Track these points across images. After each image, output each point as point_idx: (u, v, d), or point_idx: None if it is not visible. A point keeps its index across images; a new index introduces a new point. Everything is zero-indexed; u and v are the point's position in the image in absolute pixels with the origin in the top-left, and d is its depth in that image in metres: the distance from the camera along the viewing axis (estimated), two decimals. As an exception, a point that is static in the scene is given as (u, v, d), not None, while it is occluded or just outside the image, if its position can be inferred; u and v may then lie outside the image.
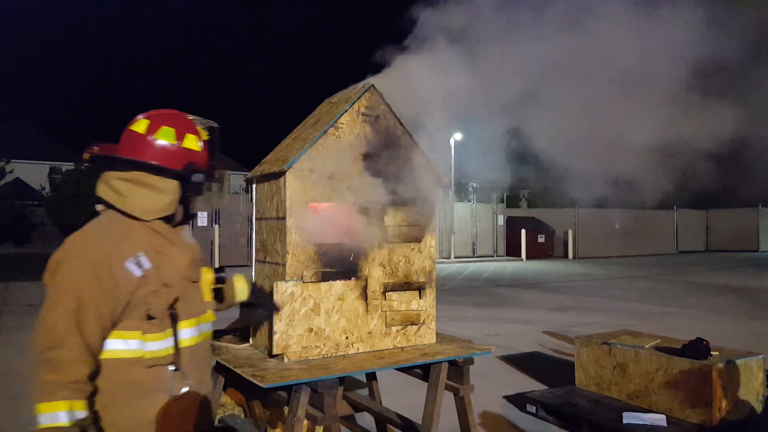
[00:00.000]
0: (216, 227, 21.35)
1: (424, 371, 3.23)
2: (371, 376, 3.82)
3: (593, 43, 2.97)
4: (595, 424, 4.58)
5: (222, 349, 3.14)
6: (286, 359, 2.89)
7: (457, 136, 18.24)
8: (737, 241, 32.38)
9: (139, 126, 1.90)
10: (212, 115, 2.10)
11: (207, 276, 2.14)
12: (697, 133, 3.13)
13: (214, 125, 2.05)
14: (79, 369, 1.69)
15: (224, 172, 2.33)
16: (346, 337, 3.08)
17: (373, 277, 3.16)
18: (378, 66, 3.25)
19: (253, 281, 2.37)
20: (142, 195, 1.85)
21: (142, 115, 1.93)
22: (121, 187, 1.85)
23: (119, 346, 1.79)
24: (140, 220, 1.86)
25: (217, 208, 19.91)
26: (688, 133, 3.13)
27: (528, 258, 26.97)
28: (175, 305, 1.88)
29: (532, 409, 5.22)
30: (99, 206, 1.91)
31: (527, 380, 6.38)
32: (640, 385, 4.80)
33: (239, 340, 3.31)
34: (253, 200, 3.38)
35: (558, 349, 7.93)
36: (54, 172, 31.40)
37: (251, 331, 3.25)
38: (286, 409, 2.94)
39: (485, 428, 4.98)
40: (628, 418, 4.49)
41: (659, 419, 4.42)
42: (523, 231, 27.17)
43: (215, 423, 3.17)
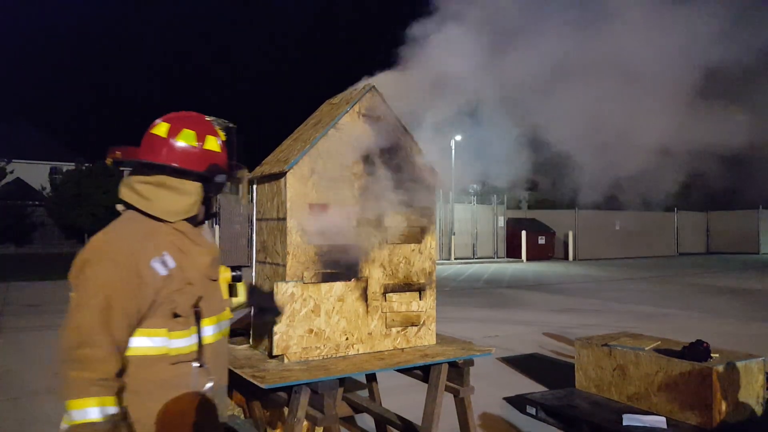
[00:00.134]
0: (216, 228, 21.36)
1: (424, 372, 3.23)
2: (371, 377, 3.82)
3: (605, 41, 2.97)
4: (595, 426, 4.58)
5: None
6: (286, 360, 2.89)
7: (458, 137, 18.23)
8: (738, 243, 32.37)
9: (159, 129, 1.92)
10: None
11: (224, 275, 2.18)
12: (709, 135, 3.12)
13: (231, 125, 2.09)
14: (108, 366, 1.72)
15: (244, 172, 2.39)
16: (346, 338, 3.08)
17: (374, 278, 3.16)
18: (378, 67, 3.26)
19: (252, 283, 2.38)
20: (166, 197, 1.89)
21: (161, 119, 1.96)
22: (145, 191, 1.88)
23: (145, 343, 1.82)
24: (164, 221, 1.89)
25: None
26: (700, 136, 3.12)
27: (528, 259, 26.96)
28: (199, 303, 1.92)
29: (532, 410, 5.22)
30: (119, 206, 1.95)
31: (527, 382, 6.38)
32: (640, 387, 4.80)
33: (246, 339, 3.31)
34: (254, 201, 3.38)
35: (558, 350, 7.92)
36: (54, 173, 31.44)
37: (251, 332, 3.25)
38: (286, 409, 2.94)
39: (485, 430, 4.98)
40: (628, 420, 4.48)
41: (659, 421, 4.42)
42: (524, 232, 27.18)
43: None
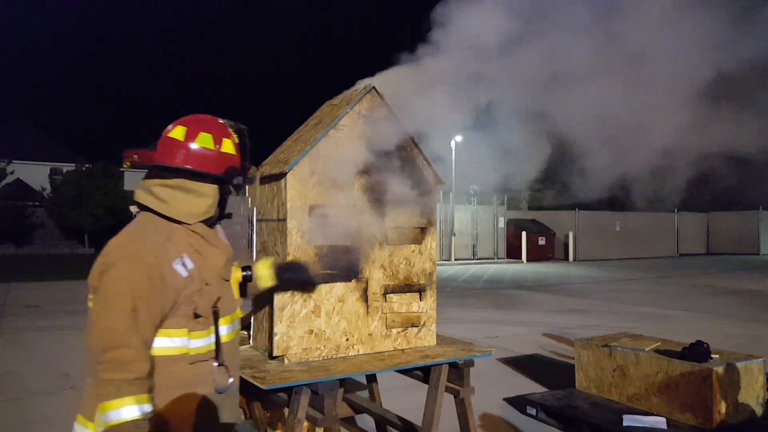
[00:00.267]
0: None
1: (424, 373, 3.24)
2: (371, 378, 3.82)
3: (619, 38, 2.96)
4: (595, 427, 4.58)
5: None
6: (286, 361, 2.89)
7: (458, 138, 18.23)
8: (738, 244, 32.36)
9: (176, 133, 1.95)
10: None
11: (236, 274, 2.21)
12: (721, 137, 3.12)
13: (243, 127, 2.11)
14: (141, 366, 1.75)
15: (255, 173, 2.41)
16: (347, 339, 3.08)
17: (374, 278, 3.16)
18: (378, 67, 3.27)
19: (279, 264, 2.39)
20: (184, 200, 1.92)
21: (177, 122, 1.99)
22: (163, 193, 1.91)
23: (165, 343, 1.85)
24: (181, 223, 1.93)
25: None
26: (711, 137, 3.12)
27: (528, 260, 26.95)
28: (217, 303, 1.96)
29: (533, 411, 5.22)
30: (133, 208, 1.98)
31: (527, 382, 6.38)
32: (640, 387, 4.80)
33: (245, 339, 3.31)
34: (250, 203, 3.38)
35: (558, 351, 7.92)
36: (55, 173, 31.42)
37: (251, 333, 3.25)
38: (286, 410, 2.94)
39: (485, 430, 4.98)
40: (628, 420, 4.49)
41: (659, 422, 4.42)
42: (524, 233, 27.17)
43: None
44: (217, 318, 1.95)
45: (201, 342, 1.91)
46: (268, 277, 2.37)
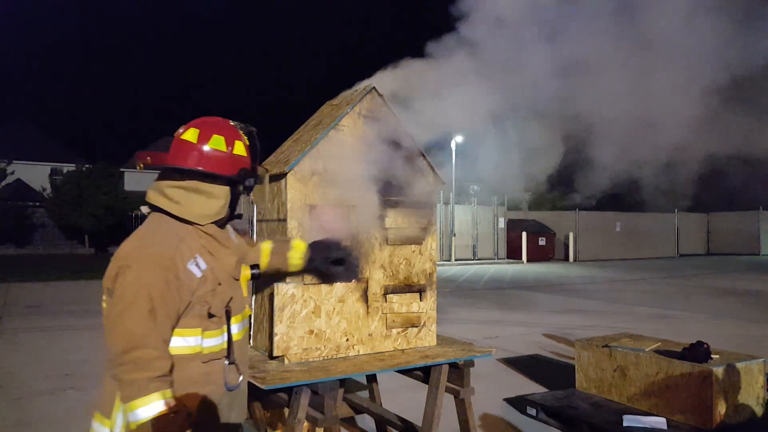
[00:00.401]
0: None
1: (424, 373, 3.24)
2: (372, 378, 3.82)
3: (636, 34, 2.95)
4: (596, 427, 4.58)
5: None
6: (286, 361, 2.89)
7: (458, 139, 18.23)
8: (738, 244, 32.36)
9: (189, 135, 1.97)
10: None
11: (245, 273, 2.23)
12: (734, 138, 3.12)
13: (253, 129, 2.13)
14: (163, 363, 1.78)
15: (265, 174, 2.43)
16: (347, 339, 3.08)
17: (374, 279, 3.16)
18: (379, 67, 3.27)
19: (311, 248, 2.43)
20: (197, 201, 1.94)
21: (189, 124, 2.01)
22: (176, 195, 1.93)
23: (179, 343, 1.88)
24: (193, 224, 1.95)
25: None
26: (724, 138, 3.12)
27: (529, 261, 26.95)
28: (230, 303, 2.00)
29: (533, 411, 5.22)
30: (145, 209, 2.01)
31: (527, 383, 6.38)
32: (640, 388, 4.80)
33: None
34: (252, 202, 3.38)
35: (558, 351, 7.92)
36: (55, 174, 31.43)
37: (251, 333, 3.25)
38: (286, 410, 2.94)
39: (485, 431, 4.98)
40: (629, 421, 4.48)
41: (659, 422, 4.42)
42: (524, 234, 27.17)
43: None
44: (229, 317, 1.98)
45: (214, 341, 1.94)
46: (299, 265, 2.42)
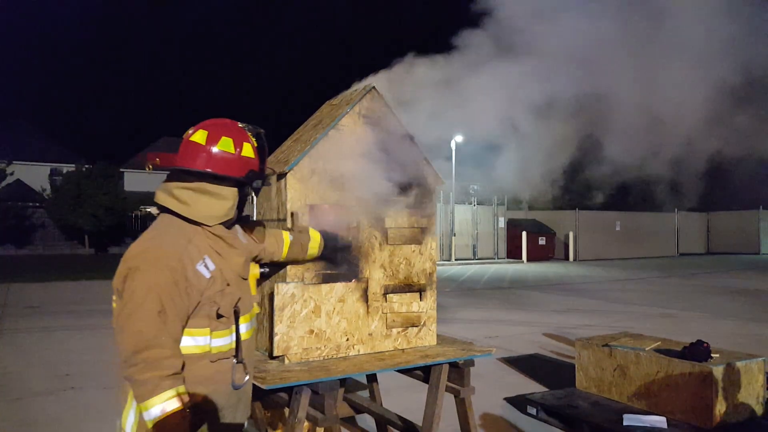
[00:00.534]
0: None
1: (424, 373, 3.24)
2: (372, 378, 3.82)
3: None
4: (596, 426, 4.58)
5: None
6: (286, 361, 2.89)
7: (458, 138, 18.24)
8: (738, 244, 32.36)
9: (198, 137, 1.99)
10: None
11: (254, 272, 2.25)
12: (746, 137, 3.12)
13: (261, 131, 2.15)
14: (174, 362, 1.80)
15: (273, 175, 2.45)
16: (347, 339, 3.08)
17: (374, 279, 3.17)
18: (379, 67, 3.27)
19: (323, 237, 2.57)
20: (205, 203, 1.96)
21: (198, 126, 2.02)
22: (184, 196, 1.95)
23: (188, 342, 1.90)
24: (202, 225, 1.96)
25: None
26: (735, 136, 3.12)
27: (529, 260, 26.95)
28: (238, 303, 2.01)
29: (533, 411, 5.22)
30: (153, 210, 2.04)
31: (528, 382, 6.38)
32: (640, 387, 4.80)
33: None
34: (254, 202, 3.39)
35: (558, 351, 7.93)
36: (55, 174, 31.47)
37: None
38: (286, 410, 2.94)
39: (486, 430, 4.98)
40: (629, 420, 4.49)
41: (659, 421, 4.42)
42: (524, 233, 27.17)
43: None
44: (237, 317, 2.00)
45: (223, 341, 1.96)
46: (316, 254, 2.56)
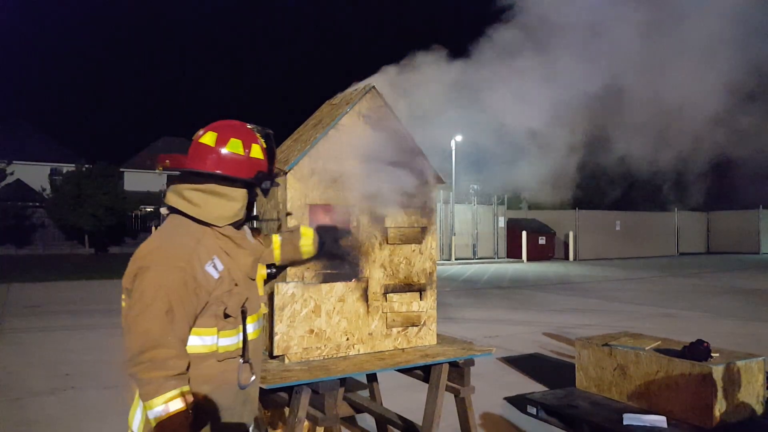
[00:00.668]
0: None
1: (424, 372, 3.24)
2: (372, 378, 3.82)
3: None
4: (596, 426, 4.58)
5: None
6: (286, 360, 2.90)
7: (458, 138, 18.24)
8: (738, 243, 32.34)
9: (207, 139, 2.00)
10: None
11: (261, 272, 2.26)
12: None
13: (270, 132, 2.16)
14: (179, 363, 1.82)
15: (281, 176, 2.46)
16: (347, 339, 3.08)
17: (374, 278, 3.17)
18: (378, 66, 3.27)
19: (318, 233, 2.57)
20: (216, 204, 1.98)
21: (208, 128, 2.04)
22: (194, 197, 1.97)
23: (195, 342, 1.92)
24: (211, 226, 1.98)
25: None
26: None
27: (529, 260, 26.95)
28: (245, 303, 2.03)
29: (533, 410, 5.22)
30: (163, 210, 2.04)
31: (528, 382, 6.38)
32: (640, 386, 4.80)
33: None
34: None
35: (558, 350, 7.93)
36: (55, 174, 31.45)
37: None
38: (286, 410, 2.95)
39: (486, 429, 4.98)
40: (629, 419, 4.49)
41: (660, 421, 4.42)
42: (524, 233, 27.17)
43: None
44: (245, 317, 2.01)
45: (230, 340, 1.98)
46: (312, 252, 2.52)
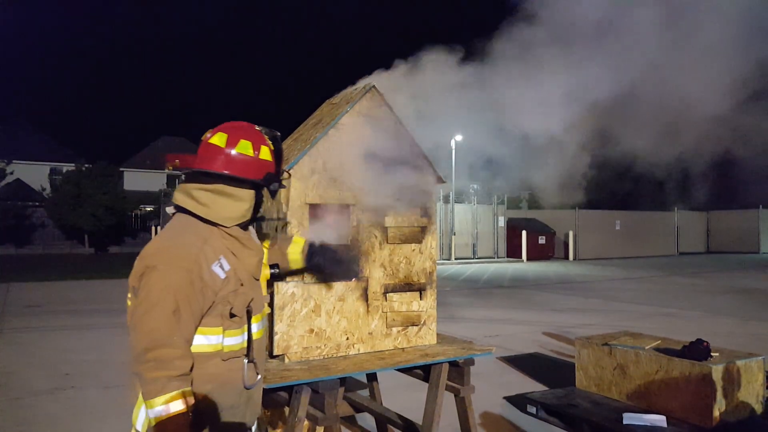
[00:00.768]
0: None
1: (424, 372, 3.24)
2: (372, 377, 3.83)
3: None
4: (596, 425, 4.58)
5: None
6: (287, 360, 2.90)
7: (458, 137, 18.23)
8: (738, 243, 32.34)
9: (217, 140, 2.02)
10: (213, 117, 2.15)
11: (265, 272, 2.27)
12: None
13: (277, 134, 2.18)
14: (184, 363, 1.82)
15: (288, 178, 2.47)
16: (347, 338, 3.08)
17: (374, 278, 3.17)
18: (379, 66, 3.27)
19: (313, 243, 2.55)
20: (224, 204, 1.99)
21: (217, 129, 2.06)
22: (203, 197, 1.98)
23: (200, 341, 1.93)
24: (218, 226, 1.99)
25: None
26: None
27: (528, 259, 26.95)
28: (251, 303, 2.04)
29: (533, 410, 5.23)
30: (170, 209, 2.06)
31: (528, 381, 6.39)
32: (640, 386, 4.80)
33: None
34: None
35: (558, 350, 7.93)
36: (54, 173, 31.48)
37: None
38: (287, 409, 2.95)
39: (486, 429, 4.98)
40: (629, 419, 4.49)
41: (659, 420, 4.43)
42: (524, 232, 27.17)
43: None
44: (250, 317, 2.03)
45: (235, 340, 1.99)
46: (298, 261, 2.50)
